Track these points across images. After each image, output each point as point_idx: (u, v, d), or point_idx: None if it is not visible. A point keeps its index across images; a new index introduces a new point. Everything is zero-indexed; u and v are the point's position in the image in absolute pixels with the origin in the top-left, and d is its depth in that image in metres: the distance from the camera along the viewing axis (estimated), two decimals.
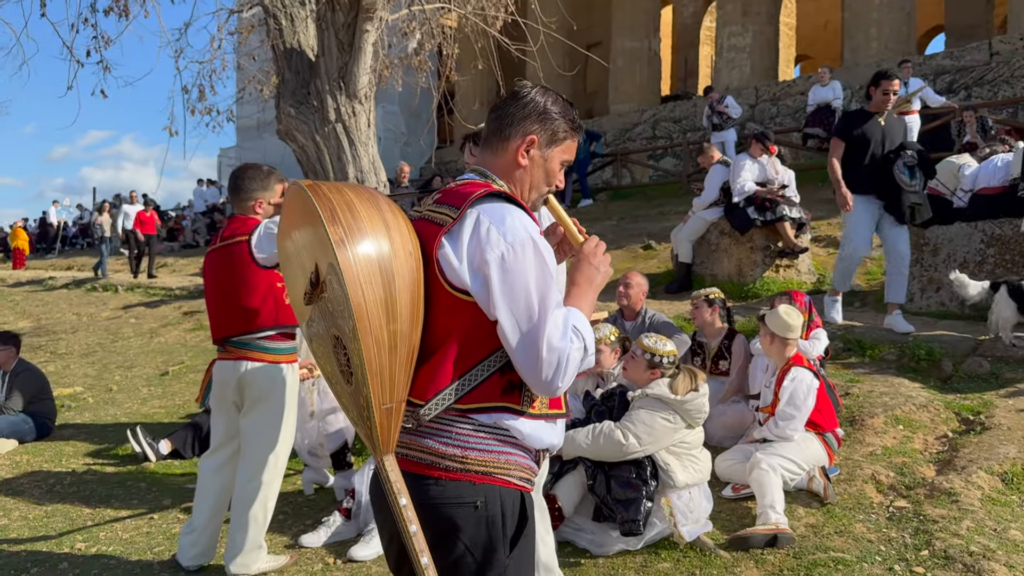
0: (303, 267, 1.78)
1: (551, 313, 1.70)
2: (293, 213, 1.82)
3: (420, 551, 1.68)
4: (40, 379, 6.76)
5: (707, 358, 5.20)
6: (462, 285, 1.73)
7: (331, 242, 1.60)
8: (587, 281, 1.86)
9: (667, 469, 3.78)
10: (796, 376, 4.20)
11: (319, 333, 1.77)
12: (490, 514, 1.75)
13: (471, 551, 1.74)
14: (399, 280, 1.67)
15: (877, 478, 4.23)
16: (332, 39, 5.65)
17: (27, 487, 5.37)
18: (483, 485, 1.75)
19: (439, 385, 1.73)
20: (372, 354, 1.62)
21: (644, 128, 20.37)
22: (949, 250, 7.01)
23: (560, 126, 1.92)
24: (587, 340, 1.75)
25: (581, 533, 3.85)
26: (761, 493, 3.85)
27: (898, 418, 4.89)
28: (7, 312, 14.17)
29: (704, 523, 3.85)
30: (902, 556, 3.50)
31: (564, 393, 1.85)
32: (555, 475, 3.87)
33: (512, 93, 1.94)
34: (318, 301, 1.72)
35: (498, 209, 1.76)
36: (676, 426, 3.78)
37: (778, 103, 17.83)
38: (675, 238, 9.46)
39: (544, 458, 1.94)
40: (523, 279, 1.70)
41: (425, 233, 1.79)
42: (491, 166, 1.92)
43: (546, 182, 1.95)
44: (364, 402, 1.65)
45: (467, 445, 1.75)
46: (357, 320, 1.60)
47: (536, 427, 1.82)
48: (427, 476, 1.74)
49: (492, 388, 1.75)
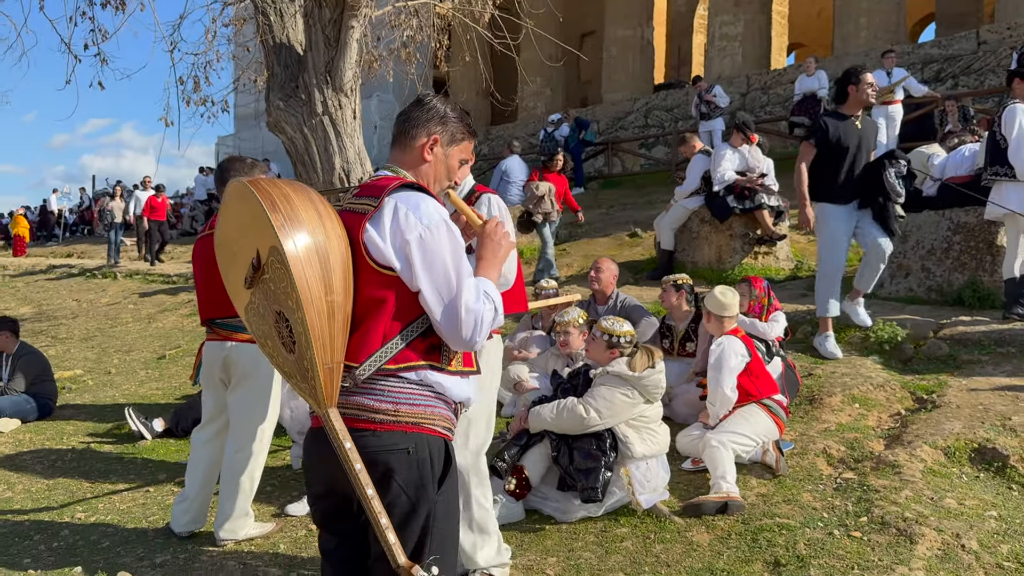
0: (244, 255, 2.03)
1: (466, 281, 2.04)
2: (233, 208, 2.08)
3: (366, 484, 1.95)
4: (42, 362, 7.03)
5: (675, 340, 5.46)
6: (387, 263, 2.03)
7: (273, 228, 1.88)
8: (492, 255, 2.22)
9: (626, 441, 4.04)
10: (720, 342, 4.56)
11: (260, 313, 2.04)
12: (420, 457, 2.05)
13: (405, 491, 2.04)
14: (332, 258, 1.95)
15: (828, 452, 4.50)
16: (319, 35, 5.88)
17: (30, 463, 5.64)
18: (413, 434, 2.05)
19: (371, 348, 2.03)
20: (315, 321, 1.90)
21: (637, 117, 20.58)
22: (918, 237, 7.26)
23: (458, 128, 2.28)
24: (496, 302, 2.10)
25: (547, 501, 4.12)
26: (713, 466, 4.12)
27: (855, 397, 5.16)
28: (8, 298, 14.45)
29: (661, 492, 4.12)
30: (842, 522, 3.77)
31: (475, 353, 2.20)
32: (522, 447, 4.13)
33: (416, 100, 2.28)
34: (259, 284, 2.00)
35: (413, 197, 2.08)
36: (634, 401, 4.05)
37: (769, 92, 18.03)
38: (658, 226, 9.70)
39: (461, 411, 2.23)
40: (440, 255, 2.02)
41: (349, 221, 2.08)
42: (400, 163, 2.24)
43: (447, 177, 2.30)
44: (308, 364, 1.93)
45: (398, 400, 2.05)
46: (300, 292, 1.88)
47: (454, 382, 2.14)
48: (364, 429, 2.03)
49: (417, 349, 2.06)
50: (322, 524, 2.21)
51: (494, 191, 3.42)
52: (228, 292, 2.17)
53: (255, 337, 2.13)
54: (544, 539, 3.88)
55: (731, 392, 4.47)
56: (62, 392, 7.62)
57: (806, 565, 3.41)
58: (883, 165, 5.69)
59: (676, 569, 3.50)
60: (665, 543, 3.74)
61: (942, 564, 3.33)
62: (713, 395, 4.53)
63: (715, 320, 4.71)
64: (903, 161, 5.75)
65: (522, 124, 22.83)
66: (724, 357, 4.51)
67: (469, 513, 3.34)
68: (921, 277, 7.23)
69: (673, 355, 5.46)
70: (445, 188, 2.33)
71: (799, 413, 5.08)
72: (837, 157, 5.76)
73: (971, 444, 4.37)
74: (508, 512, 4.04)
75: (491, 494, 3.43)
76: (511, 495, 4.05)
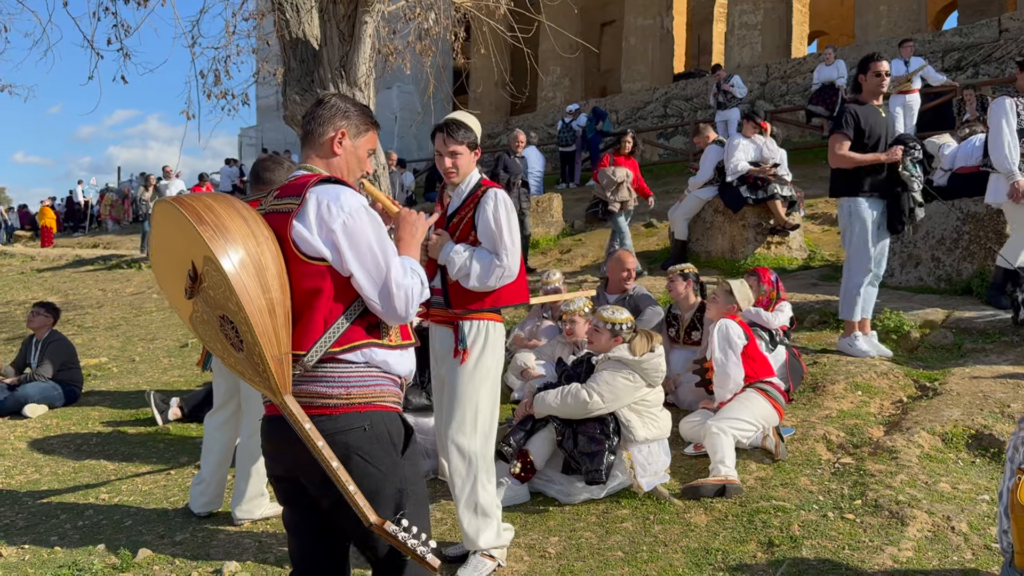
0: (180, 269, 2.17)
1: (393, 259, 2.21)
2: (163, 227, 2.21)
3: (330, 458, 2.09)
4: (69, 349, 7.25)
5: (680, 329, 5.56)
6: (317, 254, 2.17)
7: (203, 239, 2.01)
8: (410, 235, 2.42)
9: (628, 425, 4.16)
10: (720, 326, 4.69)
11: (204, 319, 2.17)
12: (378, 432, 2.21)
13: (371, 463, 2.18)
14: (263, 258, 2.09)
15: (828, 438, 4.60)
16: (334, 30, 6.01)
17: (57, 447, 5.86)
18: (367, 412, 2.21)
19: (314, 336, 2.17)
20: (257, 318, 2.04)
21: (656, 107, 20.57)
22: (928, 227, 7.30)
23: (360, 121, 2.43)
24: (422, 276, 2.29)
25: (551, 484, 4.26)
26: (713, 451, 4.23)
27: (858, 384, 5.24)
28: (36, 288, 14.77)
29: (662, 475, 4.24)
30: (837, 505, 3.87)
31: (409, 325, 2.36)
32: (528, 432, 4.26)
33: (318, 101, 2.44)
34: (199, 293, 2.13)
35: (332, 189, 2.22)
36: (636, 385, 4.16)
37: (788, 81, 17.97)
38: (672, 216, 9.79)
39: (405, 385, 2.38)
40: (364, 237, 2.18)
41: (276, 222, 2.22)
42: (314, 161, 2.39)
43: (359, 167, 2.46)
44: (258, 359, 2.07)
45: (348, 384, 2.20)
46: (239, 294, 2.01)
47: (396, 356, 2.29)
48: (320, 415, 2.17)
49: (358, 330, 2.22)
50: (285, 502, 2.36)
51: (500, 185, 3.53)
52: (172, 305, 2.31)
53: (204, 342, 2.27)
54: (547, 519, 4.02)
55: (738, 373, 4.58)
56: (88, 379, 7.85)
57: (799, 545, 3.52)
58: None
59: (673, 548, 3.62)
60: (664, 524, 3.86)
61: (931, 545, 3.43)
62: (721, 377, 4.63)
63: (721, 305, 4.82)
64: (917, 146, 5.67)
65: (541, 115, 22.89)
66: (726, 339, 4.62)
67: (474, 496, 3.46)
68: (931, 267, 7.27)
69: (679, 343, 5.57)
70: (359, 178, 2.48)
71: (802, 400, 5.18)
72: (871, 148, 5.59)
73: (968, 430, 4.45)
74: (513, 494, 4.17)
75: (495, 478, 3.55)
76: (516, 478, 4.18)
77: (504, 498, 4.14)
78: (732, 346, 4.61)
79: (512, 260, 3.34)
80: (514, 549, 3.70)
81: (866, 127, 5.60)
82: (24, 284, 15.41)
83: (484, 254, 3.34)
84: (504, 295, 3.44)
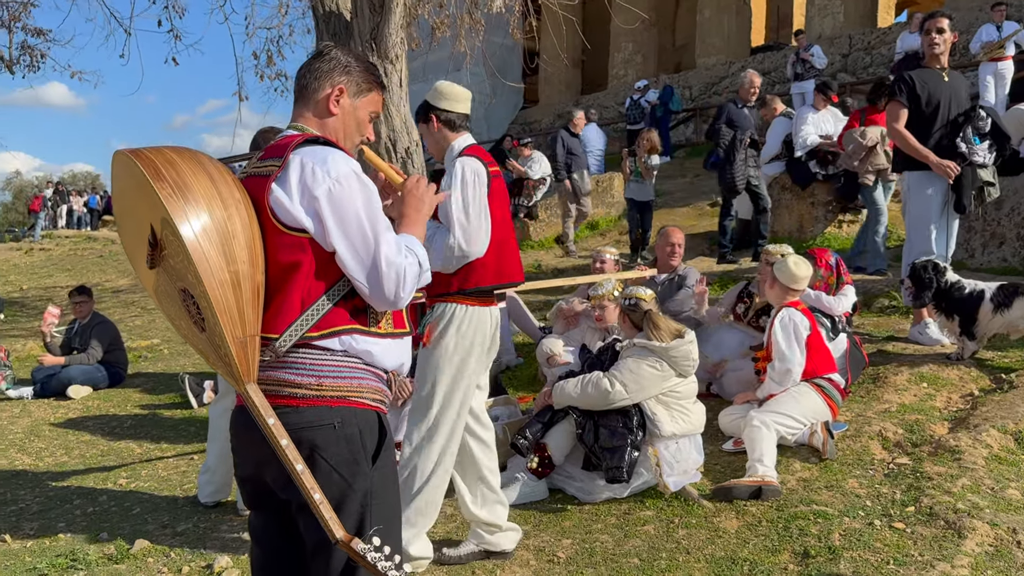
0: (141, 234, 1.88)
1: (384, 235, 1.90)
2: (122, 183, 1.92)
3: (295, 460, 1.82)
4: (113, 330, 7.28)
5: (750, 309, 5.12)
6: (296, 224, 1.87)
7: (160, 197, 1.72)
8: (415, 211, 2.10)
9: (654, 418, 3.82)
10: (784, 315, 4.20)
11: (168, 292, 1.89)
12: (348, 433, 1.91)
13: (336, 469, 1.89)
14: (231, 225, 1.79)
15: (884, 435, 4.14)
16: (364, 1, 5.79)
17: (91, 428, 5.85)
18: (339, 408, 1.91)
19: (289, 318, 1.88)
20: (217, 293, 1.75)
21: (731, 81, 19.74)
22: (1013, 203, 6.65)
23: (364, 78, 2.09)
24: (420, 257, 1.96)
25: (570, 481, 3.95)
26: (751, 448, 3.85)
27: (923, 375, 4.75)
28: (111, 271, 15.17)
29: (692, 474, 3.88)
30: (886, 511, 3.45)
31: (406, 311, 2.04)
32: (546, 424, 3.96)
33: (317, 52, 2.10)
34: (161, 262, 1.85)
35: (319, 151, 1.91)
36: (663, 373, 3.81)
37: (872, 52, 16.99)
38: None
39: (395, 380, 2.07)
40: (352, 207, 1.87)
41: (254, 187, 1.92)
42: (306, 120, 2.07)
43: (358, 131, 2.12)
44: (219, 340, 1.78)
45: (321, 373, 1.90)
46: (197, 264, 1.72)
47: (385, 346, 1.98)
48: (285, 406, 1.88)
49: (340, 314, 1.91)
50: (251, 505, 2.10)
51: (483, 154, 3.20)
52: (137, 275, 2.03)
53: (169, 320, 2.00)
54: (563, 520, 3.71)
55: (800, 371, 4.16)
56: (137, 360, 7.91)
57: (837, 557, 3.13)
58: (959, 123, 4.97)
59: (696, 556, 3.28)
60: (689, 528, 3.51)
61: (991, 562, 3.00)
62: (782, 375, 4.20)
63: (779, 289, 4.38)
64: (984, 113, 5.04)
65: (612, 93, 22.32)
66: (789, 331, 4.19)
67: (476, 468, 3.29)
68: (1016, 246, 6.62)
69: (743, 322, 5.13)
70: (358, 144, 2.16)
71: (859, 393, 4.72)
72: (929, 116, 5.05)
73: None
74: (530, 491, 3.89)
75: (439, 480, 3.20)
76: (533, 473, 3.90)
77: (519, 495, 3.87)
78: (797, 338, 4.17)
79: (466, 237, 3.00)
80: (521, 552, 3.42)
81: (923, 93, 5.04)
82: (100, 267, 15.86)
83: (442, 232, 3.03)
84: (473, 276, 3.10)
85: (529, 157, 11.08)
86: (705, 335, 5.01)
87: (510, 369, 6.03)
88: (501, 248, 3.16)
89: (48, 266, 16.66)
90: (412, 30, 10.14)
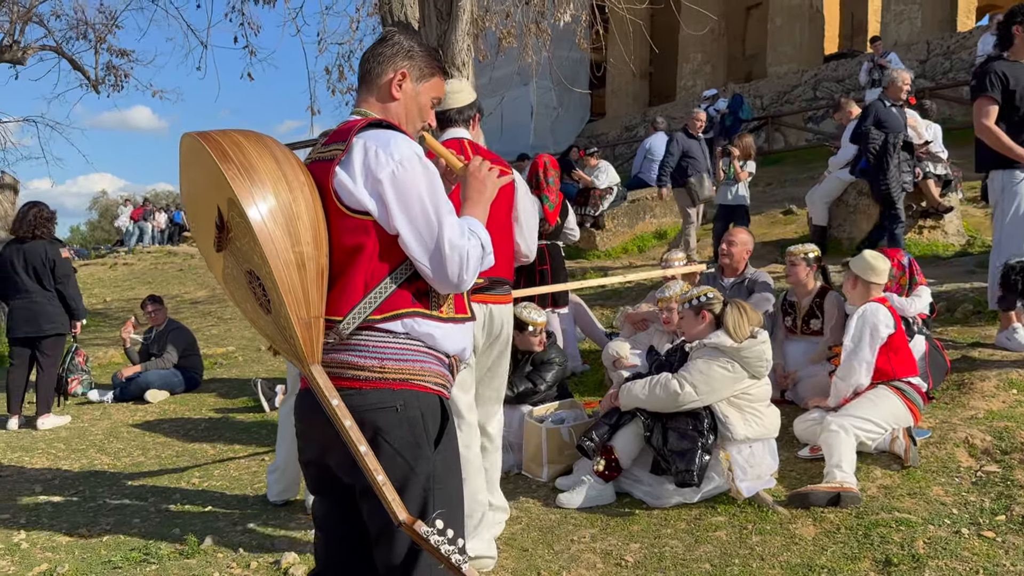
0: (209, 216, 1.89)
1: (446, 217, 1.89)
2: (189, 167, 1.93)
3: (358, 441, 1.80)
4: (189, 336, 7.47)
5: (798, 317, 4.98)
6: (360, 207, 1.87)
7: (227, 178, 1.72)
8: (477, 193, 2.09)
9: (726, 421, 3.71)
10: (864, 310, 4.04)
11: (234, 275, 1.90)
12: (410, 415, 1.89)
13: (399, 452, 1.88)
14: (296, 207, 1.80)
15: (971, 442, 3.94)
16: (431, 8, 5.85)
17: (167, 431, 5.99)
18: (401, 391, 1.90)
19: (353, 300, 1.88)
20: (283, 274, 1.75)
21: (804, 90, 19.36)
22: None
23: (426, 63, 2.11)
24: (483, 239, 1.95)
25: (638, 484, 3.86)
26: (829, 454, 3.70)
27: (1013, 381, 4.51)
28: (190, 283, 15.59)
29: (766, 479, 3.76)
30: (974, 520, 3.27)
31: (467, 297, 2.04)
32: (613, 427, 3.88)
33: (381, 38, 2.11)
34: (228, 244, 1.86)
35: (382, 135, 1.92)
36: (736, 375, 3.70)
37: (952, 57, 16.44)
38: (810, 200, 9.04)
39: (457, 365, 2.04)
40: (415, 190, 1.87)
41: (318, 171, 1.93)
42: (369, 105, 2.08)
43: (419, 116, 2.13)
44: (284, 321, 1.78)
45: (383, 356, 1.89)
46: (263, 244, 1.72)
47: (446, 330, 1.97)
48: (348, 388, 1.87)
49: (403, 297, 1.91)
50: (315, 490, 2.08)
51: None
52: (206, 261, 2.04)
53: (235, 303, 2.01)
54: (631, 524, 3.62)
55: (867, 370, 4.00)
56: (213, 367, 8.09)
57: (922, 566, 2.97)
58: None
59: (771, 563, 3.15)
60: (764, 535, 3.39)
61: None
62: (845, 370, 4.06)
63: (861, 286, 4.23)
64: None
65: (681, 104, 22.06)
66: (866, 326, 4.02)
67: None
68: None
69: (797, 333, 4.99)
70: (419, 130, 2.16)
71: (944, 399, 4.51)
72: (1016, 112, 4.83)
73: None
74: (597, 494, 3.81)
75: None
76: (600, 476, 3.82)
77: (586, 498, 3.80)
78: (873, 335, 4.01)
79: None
80: (588, 555, 3.34)
81: (1016, 87, 4.80)
82: (179, 280, 16.31)
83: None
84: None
85: (596, 167, 11.00)
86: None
87: (576, 375, 5.96)
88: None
89: (130, 279, 17.22)
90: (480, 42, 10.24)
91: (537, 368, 4.53)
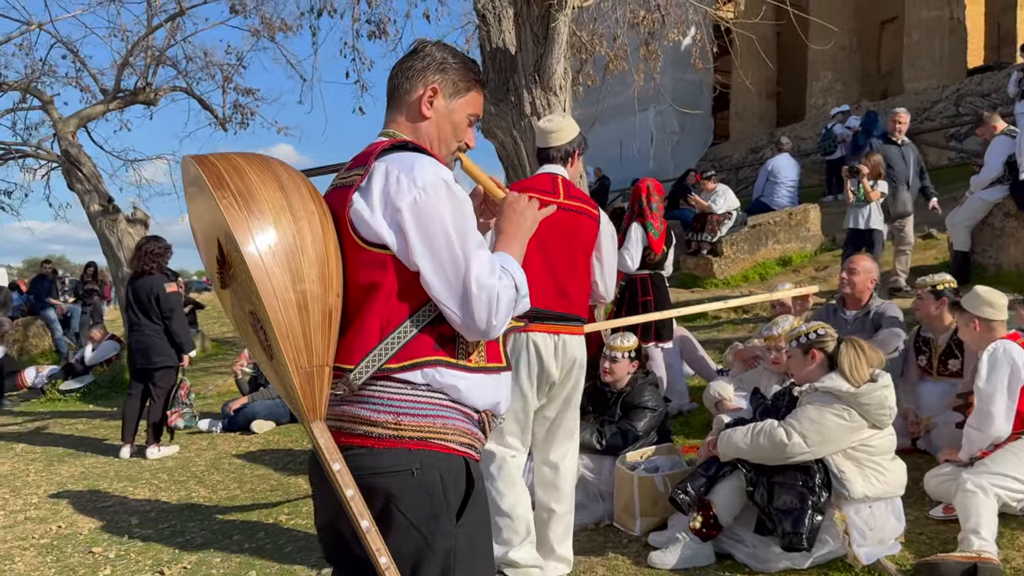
0: (211, 249, 1.70)
1: (475, 252, 1.64)
2: (192, 195, 1.74)
3: (359, 515, 1.58)
4: None
5: (933, 356, 4.44)
6: (377, 239, 1.64)
7: (220, 207, 1.52)
8: (514, 228, 1.84)
9: (841, 477, 3.27)
10: (995, 348, 3.54)
11: (239, 316, 1.70)
12: (428, 481, 1.64)
13: (414, 525, 1.64)
14: (301, 240, 1.57)
15: None
16: (527, 33, 5.66)
17: (267, 462, 5.98)
18: (419, 451, 1.65)
19: (367, 346, 1.65)
20: (279, 315, 1.53)
21: (945, 106, 18.13)
22: None
23: (461, 76, 1.85)
24: (517, 278, 1.68)
25: (740, 545, 3.45)
26: (965, 516, 3.20)
27: None
28: None
29: (890, 545, 3.29)
30: None
31: (502, 344, 1.77)
32: (710, 479, 3.50)
33: (412, 49, 1.86)
34: (231, 282, 1.65)
35: (406, 158, 1.69)
36: (853, 424, 3.26)
37: None
38: (950, 223, 8.30)
39: (491, 421, 1.77)
40: (439, 221, 1.63)
41: (336, 200, 1.71)
42: (398, 124, 1.85)
43: (455, 136, 1.87)
44: (283, 369, 1.57)
45: (400, 410, 1.65)
46: (257, 283, 1.51)
47: (475, 382, 1.71)
48: (359, 446, 1.64)
49: (424, 343, 1.66)
50: (330, 559, 1.85)
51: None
52: (217, 296, 1.84)
53: (247, 345, 1.81)
54: None
55: (1006, 417, 3.48)
56: None
57: None
58: None
59: None
60: None
61: None
62: (979, 418, 3.55)
63: (982, 326, 3.73)
64: None
65: (810, 123, 21.11)
66: (999, 365, 3.52)
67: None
68: None
69: (932, 374, 4.45)
70: (454, 152, 1.89)
71: None
72: None
73: None
74: (693, 554, 3.43)
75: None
76: (697, 534, 3.44)
77: (680, 558, 3.43)
78: (1012, 377, 3.50)
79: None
80: None
81: None
82: None
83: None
84: None
85: (713, 190, 10.52)
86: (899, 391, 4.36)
87: (682, 414, 5.56)
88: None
89: None
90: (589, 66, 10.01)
91: (628, 414, 4.18)
